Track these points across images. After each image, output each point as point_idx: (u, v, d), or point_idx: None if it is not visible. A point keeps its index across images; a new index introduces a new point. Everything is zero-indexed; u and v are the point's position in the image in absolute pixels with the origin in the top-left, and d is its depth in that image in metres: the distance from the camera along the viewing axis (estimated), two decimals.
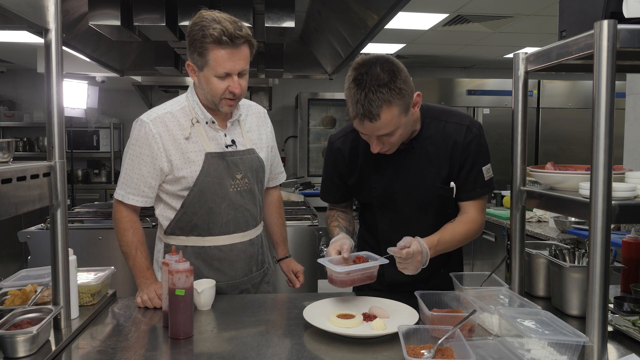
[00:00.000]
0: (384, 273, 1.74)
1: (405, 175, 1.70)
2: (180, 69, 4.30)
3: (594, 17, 1.20)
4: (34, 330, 1.22)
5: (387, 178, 1.71)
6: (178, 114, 1.75)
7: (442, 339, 1.22)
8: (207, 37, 1.60)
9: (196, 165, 1.72)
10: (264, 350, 1.33)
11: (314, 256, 2.95)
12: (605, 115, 1.15)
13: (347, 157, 1.77)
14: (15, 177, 1.18)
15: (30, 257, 2.77)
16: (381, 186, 1.73)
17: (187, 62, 1.71)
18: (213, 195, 1.74)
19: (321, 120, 6.63)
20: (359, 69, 1.49)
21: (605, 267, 1.18)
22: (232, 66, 1.64)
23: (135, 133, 1.73)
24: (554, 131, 5.69)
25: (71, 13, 3.10)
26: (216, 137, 1.77)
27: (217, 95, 1.68)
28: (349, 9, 3.20)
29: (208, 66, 1.64)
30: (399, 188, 1.71)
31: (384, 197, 1.74)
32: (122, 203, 1.76)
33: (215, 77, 1.65)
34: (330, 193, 1.88)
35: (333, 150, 1.81)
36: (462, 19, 4.45)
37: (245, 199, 1.80)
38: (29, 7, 1.23)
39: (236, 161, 1.78)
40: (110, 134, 6.40)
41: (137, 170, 1.72)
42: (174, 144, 1.71)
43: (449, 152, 1.66)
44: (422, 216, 1.73)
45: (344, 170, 1.79)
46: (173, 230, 1.79)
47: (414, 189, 1.70)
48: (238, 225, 1.80)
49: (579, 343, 1.16)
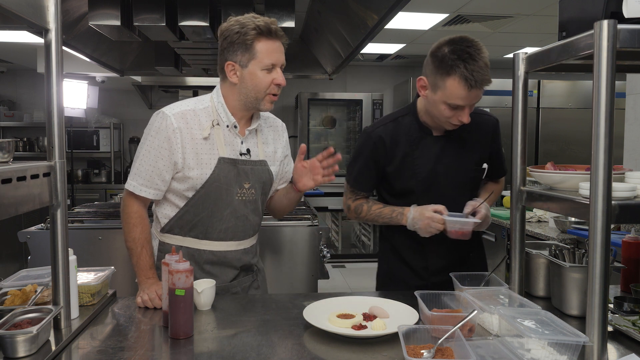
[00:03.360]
0: (428, 266, 1.95)
1: (447, 159, 1.89)
2: (180, 69, 4.30)
3: (594, 17, 1.20)
4: (34, 330, 1.22)
5: (431, 162, 1.88)
6: (200, 113, 1.74)
7: (442, 339, 1.22)
8: (253, 30, 1.64)
9: (207, 168, 1.71)
10: (264, 350, 1.33)
11: (314, 256, 2.95)
12: (605, 115, 1.15)
13: (389, 145, 1.89)
14: (15, 177, 1.18)
15: (30, 257, 2.77)
16: (425, 170, 1.88)
17: (226, 64, 1.69)
18: (218, 200, 1.73)
19: (321, 120, 6.63)
20: (457, 43, 1.69)
21: (605, 267, 1.18)
22: (278, 57, 1.70)
23: (156, 125, 1.71)
24: (554, 131, 5.69)
25: (71, 13, 3.10)
26: (233, 142, 1.76)
27: (263, 90, 1.69)
28: (349, 9, 3.20)
29: (255, 59, 1.66)
30: (441, 170, 1.88)
31: (428, 180, 1.89)
32: (133, 196, 1.75)
33: (262, 71, 1.68)
34: (367, 182, 1.98)
35: (373, 139, 1.91)
36: (462, 19, 4.45)
37: (248, 209, 1.79)
38: (29, 7, 1.23)
39: (247, 170, 1.77)
40: (110, 134, 6.40)
41: (153, 163, 1.71)
42: (191, 143, 1.71)
43: (483, 139, 1.92)
44: (458, 196, 1.88)
45: (383, 158, 1.91)
46: (171, 228, 1.78)
47: (453, 171, 1.89)
48: (236, 234, 1.79)
49: (579, 343, 1.16)
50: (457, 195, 1.88)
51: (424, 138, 1.89)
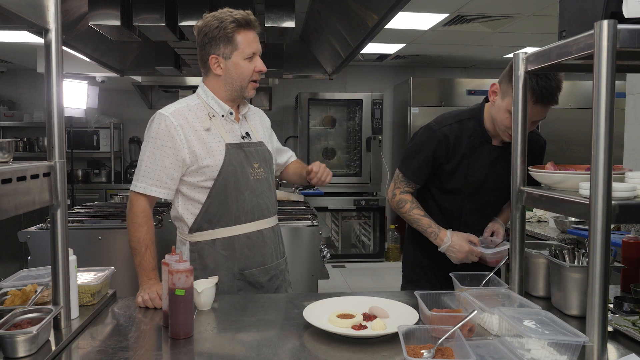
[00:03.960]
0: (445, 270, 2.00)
1: (498, 168, 2.01)
2: (180, 69, 4.29)
3: (594, 17, 1.20)
4: (34, 330, 1.22)
5: (485, 168, 2.01)
6: (195, 108, 1.83)
7: (442, 339, 1.22)
8: (232, 23, 1.74)
9: (219, 155, 1.78)
10: (264, 350, 1.33)
11: (314, 256, 2.95)
12: (605, 115, 1.15)
13: (452, 144, 2.00)
14: (15, 177, 1.18)
15: (30, 257, 2.77)
16: (478, 174, 2.01)
17: (210, 57, 1.78)
18: (237, 183, 1.80)
19: (321, 120, 6.63)
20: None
21: (605, 267, 1.18)
22: (257, 46, 1.81)
23: (155, 126, 1.77)
24: (554, 131, 5.69)
25: (71, 13, 3.10)
26: (233, 129, 1.86)
27: (247, 77, 1.80)
28: (349, 9, 3.20)
29: (237, 50, 1.76)
30: (491, 178, 2.01)
31: (477, 184, 2.02)
32: (140, 197, 1.77)
33: (244, 60, 1.78)
34: (423, 176, 2.07)
35: (438, 136, 2.01)
36: (462, 19, 4.45)
37: (264, 187, 1.89)
38: (29, 7, 1.23)
39: (252, 151, 1.87)
40: (110, 134, 6.39)
41: (160, 162, 1.76)
42: (195, 135, 1.77)
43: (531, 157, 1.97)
44: (498, 203, 2.08)
45: (444, 156, 2.01)
46: (200, 224, 1.81)
47: (500, 180, 1.99)
48: (261, 212, 1.87)
49: (579, 343, 1.16)
50: (497, 203, 2.07)
51: (483, 144, 2.01)
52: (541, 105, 1.79)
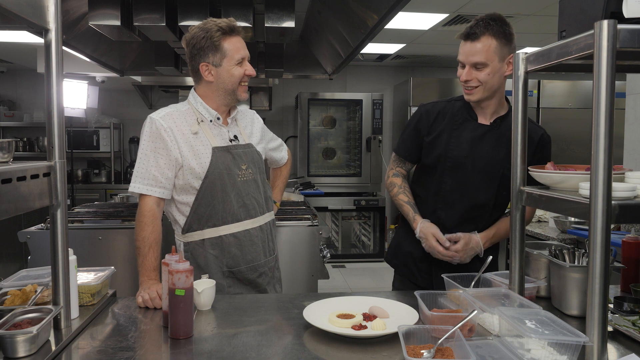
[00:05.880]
0: (432, 267, 2.04)
1: (481, 147, 1.97)
2: (180, 69, 4.29)
3: (594, 17, 1.20)
4: (34, 330, 1.22)
5: (467, 144, 1.97)
6: (184, 113, 1.90)
7: (442, 339, 1.22)
8: (217, 32, 1.81)
9: (205, 158, 1.85)
10: (264, 350, 1.33)
11: (314, 256, 2.95)
12: (605, 115, 1.15)
13: (433, 118, 2.04)
14: (15, 177, 1.18)
15: (30, 257, 2.77)
16: (458, 149, 1.98)
17: (200, 65, 1.85)
18: (223, 185, 1.86)
19: (321, 120, 6.63)
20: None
21: (605, 267, 1.17)
22: (245, 52, 1.89)
23: (147, 129, 1.86)
24: (554, 131, 5.66)
25: (71, 13, 3.10)
26: (220, 133, 1.93)
27: (237, 82, 1.87)
28: (349, 9, 3.20)
29: (226, 57, 1.84)
30: (475, 155, 1.96)
31: (457, 159, 1.98)
32: (146, 197, 1.84)
33: (234, 66, 1.85)
34: (408, 149, 2.12)
35: (421, 112, 2.08)
36: (462, 19, 4.45)
37: (251, 188, 1.94)
38: (29, 7, 1.23)
39: (240, 154, 1.93)
40: (110, 134, 6.39)
41: (154, 163, 1.83)
42: (183, 138, 1.85)
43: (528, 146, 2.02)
44: (483, 185, 1.98)
45: (425, 128, 2.05)
46: (190, 225, 1.89)
47: (484, 161, 1.96)
48: (248, 213, 1.92)
49: (579, 343, 1.16)
50: (481, 187, 1.97)
51: (468, 121, 2.00)
52: (470, 42, 1.87)
